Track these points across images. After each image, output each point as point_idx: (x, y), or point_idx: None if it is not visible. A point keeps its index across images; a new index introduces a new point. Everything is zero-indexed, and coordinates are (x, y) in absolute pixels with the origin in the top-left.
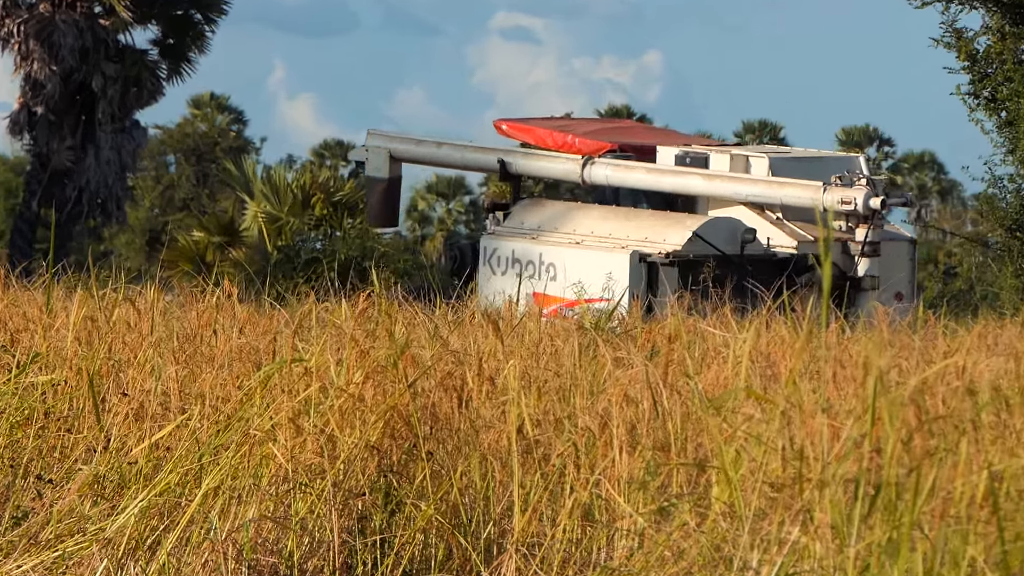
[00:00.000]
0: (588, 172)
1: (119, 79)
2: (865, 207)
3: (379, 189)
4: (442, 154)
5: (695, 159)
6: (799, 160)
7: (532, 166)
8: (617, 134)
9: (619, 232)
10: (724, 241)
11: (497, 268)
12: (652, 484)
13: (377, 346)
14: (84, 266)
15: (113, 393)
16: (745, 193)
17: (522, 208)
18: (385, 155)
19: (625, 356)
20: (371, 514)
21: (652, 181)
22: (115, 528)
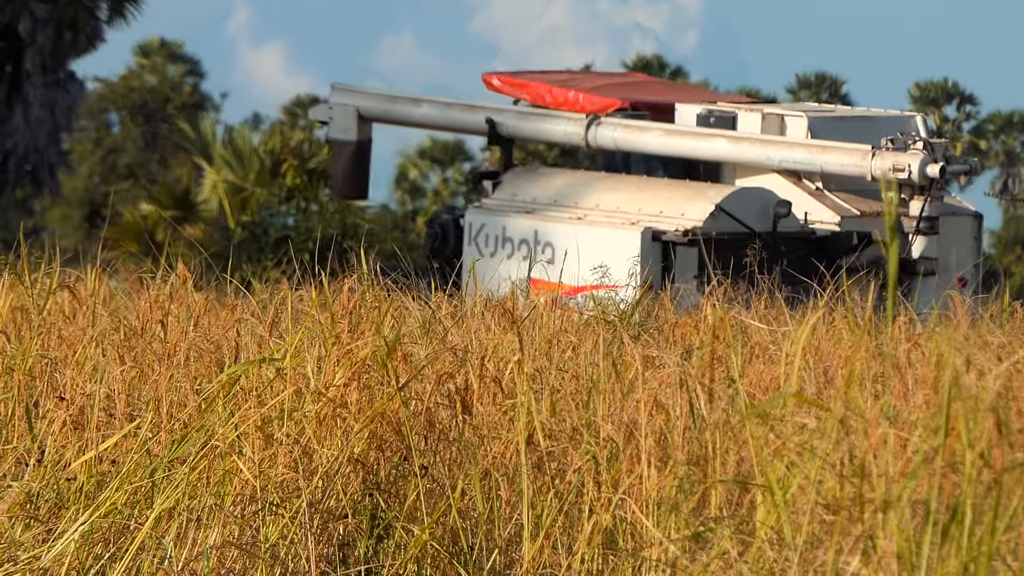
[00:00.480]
0: (593, 134)
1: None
2: (921, 175)
3: (346, 154)
4: (421, 113)
5: (720, 119)
6: (844, 120)
7: (527, 127)
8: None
9: (629, 205)
10: (753, 216)
11: (485, 248)
12: (686, 505)
13: (362, 343)
14: (11, 245)
15: (48, 397)
16: (779, 159)
17: (514, 177)
18: (353, 114)
19: (655, 355)
20: (354, 540)
21: (670, 145)
22: (52, 556)
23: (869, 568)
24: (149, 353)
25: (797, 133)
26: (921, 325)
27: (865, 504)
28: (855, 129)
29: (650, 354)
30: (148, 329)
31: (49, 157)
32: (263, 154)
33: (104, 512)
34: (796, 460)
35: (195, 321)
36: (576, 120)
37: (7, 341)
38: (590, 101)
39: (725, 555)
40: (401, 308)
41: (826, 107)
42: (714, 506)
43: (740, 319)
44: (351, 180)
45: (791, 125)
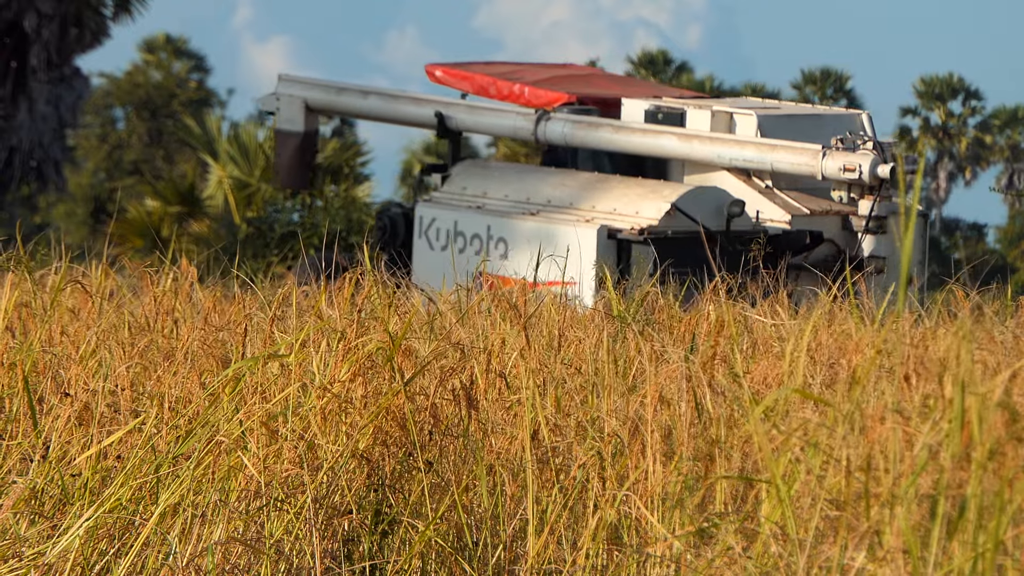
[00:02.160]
0: (542, 129)
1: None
2: (872, 175)
3: (291, 145)
4: (368, 105)
5: (668, 115)
6: (792, 118)
7: (475, 121)
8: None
9: (582, 202)
10: (707, 214)
11: (436, 242)
12: (691, 501)
13: (367, 338)
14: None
15: (52, 393)
16: (729, 157)
17: (463, 171)
18: (300, 105)
19: (660, 349)
20: (359, 536)
21: (619, 141)
22: (56, 552)
23: (875, 563)
24: (154, 349)
25: (747, 131)
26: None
27: (871, 499)
28: (803, 127)
29: (655, 349)
30: (153, 325)
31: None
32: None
33: (109, 508)
34: (801, 456)
35: (204, 317)
36: (525, 115)
37: (12, 337)
38: (535, 95)
39: (730, 551)
40: (406, 304)
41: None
42: (719, 502)
43: (744, 315)
44: (296, 171)
45: (740, 123)
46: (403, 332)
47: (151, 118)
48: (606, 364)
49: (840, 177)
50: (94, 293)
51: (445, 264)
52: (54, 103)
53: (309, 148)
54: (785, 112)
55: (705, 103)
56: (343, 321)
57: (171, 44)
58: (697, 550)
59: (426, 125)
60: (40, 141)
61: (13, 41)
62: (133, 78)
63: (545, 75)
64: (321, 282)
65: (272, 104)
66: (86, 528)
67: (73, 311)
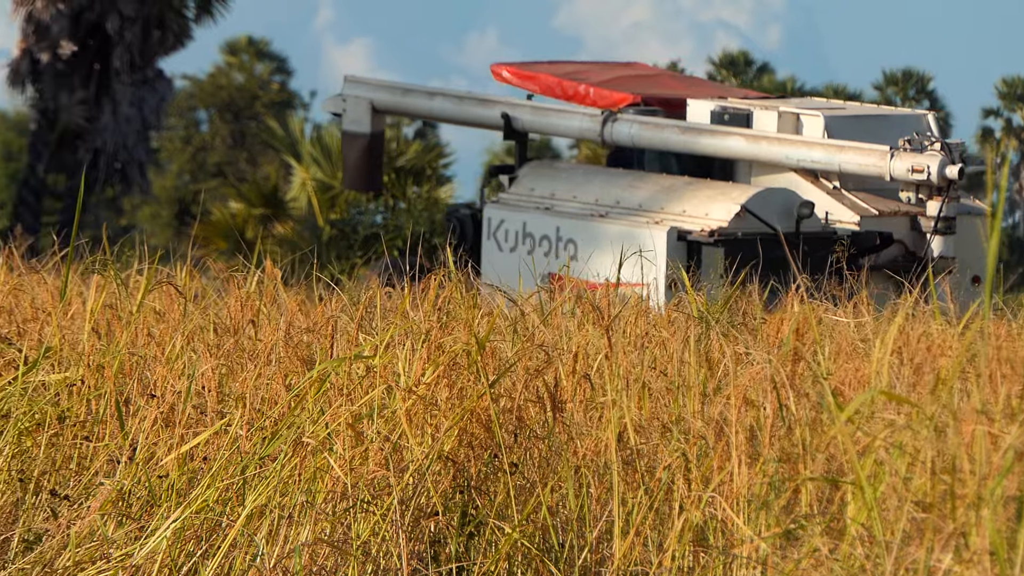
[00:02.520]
0: (609, 130)
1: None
2: (940, 176)
3: (358, 146)
4: (435, 106)
5: (735, 116)
6: (859, 119)
7: (541, 122)
8: (639, 83)
9: (652, 204)
10: (777, 216)
11: (504, 243)
12: (776, 503)
13: (452, 339)
14: (102, 244)
15: (139, 394)
16: (797, 158)
17: (531, 172)
18: (366, 106)
19: (745, 351)
20: (445, 537)
21: (686, 142)
22: (144, 553)
23: (961, 565)
24: (239, 350)
25: (814, 132)
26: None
27: (957, 501)
28: (870, 128)
29: (740, 351)
30: (238, 327)
31: (138, 155)
32: None
33: (196, 509)
34: (886, 457)
35: (289, 320)
36: (591, 115)
37: (99, 339)
38: (601, 95)
39: (816, 553)
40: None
41: (835, 104)
42: (805, 503)
43: (828, 316)
44: (364, 172)
45: (807, 124)
46: (487, 333)
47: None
48: (691, 366)
49: (908, 178)
50: (182, 294)
51: (514, 265)
52: (138, 105)
53: (376, 149)
54: (851, 113)
55: (771, 104)
56: (428, 322)
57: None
58: (783, 552)
59: (492, 126)
60: (124, 143)
61: (96, 43)
62: (216, 80)
63: (610, 75)
64: (404, 283)
65: (338, 106)
66: (173, 530)
67: (158, 313)
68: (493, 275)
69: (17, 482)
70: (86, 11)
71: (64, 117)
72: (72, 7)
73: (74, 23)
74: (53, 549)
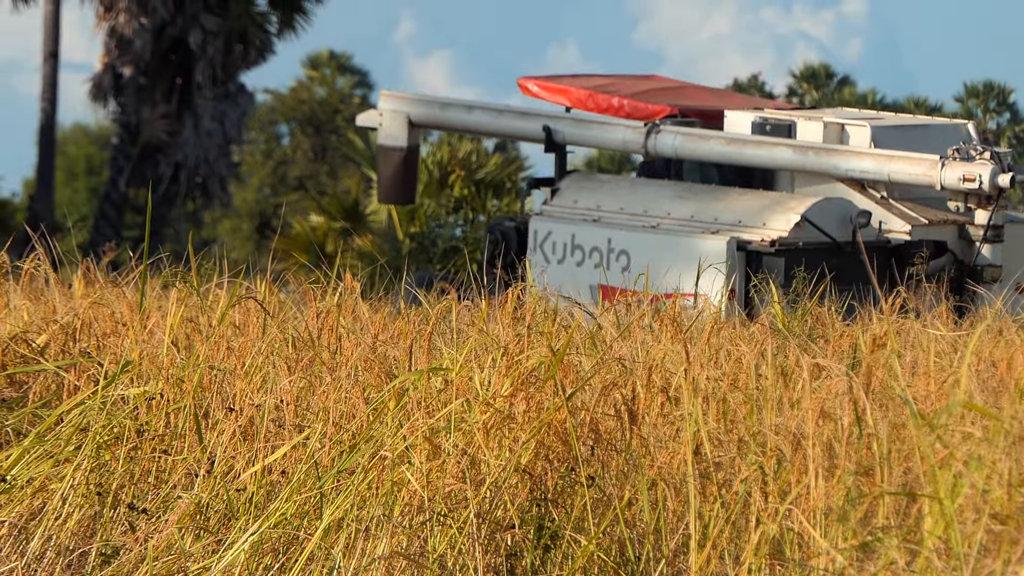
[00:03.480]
0: (652, 142)
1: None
2: (992, 185)
3: (395, 160)
4: (473, 120)
5: (777, 127)
6: (903, 128)
7: (584, 135)
8: (669, 95)
9: (704, 214)
10: (834, 225)
11: (552, 255)
12: (853, 515)
13: (529, 353)
14: (182, 257)
15: (217, 408)
16: (845, 168)
17: (573, 184)
18: (403, 120)
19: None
20: (522, 550)
21: (732, 153)
22: (222, 566)
23: None
24: (318, 364)
25: (860, 142)
26: None
27: None
28: (914, 137)
29: (817, 363)
30: (317, 340)
31: (219, 169)
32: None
33: (273, 523)
34: (964, 470)
35: (375, 334)
36: (634, 127)
37: (178, 352)
38: (635, 108)
39: (893, 565)
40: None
41: (870, 114)
42: (881, 516)
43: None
44: (401, 186)
45: (854, 134)
46: (564, 346)
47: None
48: (768, 378)
49: (959, 187)
50: (263, 308)
51: (562, 277)
52: (219, 119)
53: (412, 162)
54: (896, 123)
55: (814, 114)
56: (506, 336)
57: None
58: (860, 564)
59: (532, 139)
60: (205, 157)
61: (179, 58)
62: (297, 94)
63: (640, 88)
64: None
65: (374, 120)
66: (251, 543)
67: (238, 326)
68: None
69: (96, 496)
70: (168, 26)
71: (146, 131)
72: (155, 22)
73: (156, 38)
74: (131, 562)
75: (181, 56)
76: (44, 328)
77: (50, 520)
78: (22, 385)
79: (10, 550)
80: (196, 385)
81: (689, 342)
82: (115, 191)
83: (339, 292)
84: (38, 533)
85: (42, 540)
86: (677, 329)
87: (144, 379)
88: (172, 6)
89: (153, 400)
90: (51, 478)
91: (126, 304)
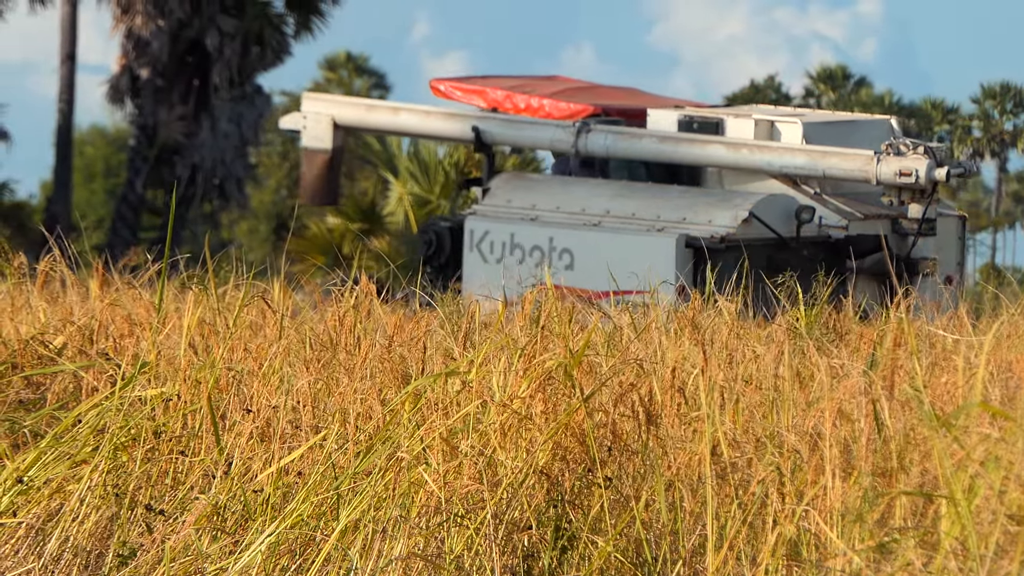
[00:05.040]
0: (584, 141)
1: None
2: (928, 179)
3: (319, 162)
4: (401, 121)
5: (704, 124)
6: (833, 125)
7: (513, 134)
8: (585, 95)
9: (645, 212)
10: (780, 222)
11: (490, 254)
12: (870, 516)
13: (546, 354)
14: (199, 259)
15: (235, 409)
16: (779, 165)
17: (504, 184)
18: (327, 122)
19: (839, 364)
20: (539, 551)
21: (665, 151)
22: (239, 567)
23: None
24: (334, 365)
25: (792, 138)
26: None
27: None
28: (842, 133)
29: (833, 363)
30: (334, 341)
31: (236, 171)
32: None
33: (290, 524)
34: (981, 471)
35: (391, 336)
36: (564, 127)
37: (195, 354)
38: (556, 107)
39: (909, 566)
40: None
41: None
42: (898, 517)
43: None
44: (325, 188)
45: (785, 131)
46: (582, 347)
47: None
48: (786, 379)
49: (895, 181)
50: (274, 310)
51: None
52: (236, 121)
53: (336, 165)
54: (825, 119)
55: (743, 111)
56: (522, 337)
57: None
58: (877, 565)
59: (460, 139)
60: (222, 159)
61: (195, 59)
62: None
63: (554, 88)
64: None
65: (298, 123)
66: (268, 544)
67: (254, 328)
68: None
69: (113, 497)
70: (185, 27)
71: (163, 133)
72: (172, 23)
73: (173, 39)
74: (148, 564)
75: (198, 58)
76: (61, 329)
77: (67, 521)
78: (39, 386)
79: (28, 551)
80: (213, 386)
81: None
82: (132, 193)
83: (356, 294)
84: (55, 534)
85: (59, 541)
86: (694, 330)
87: (161, 380)
88: (189, 8)
89: (170, 401)
90: (68, 479)
91: (143, 305)
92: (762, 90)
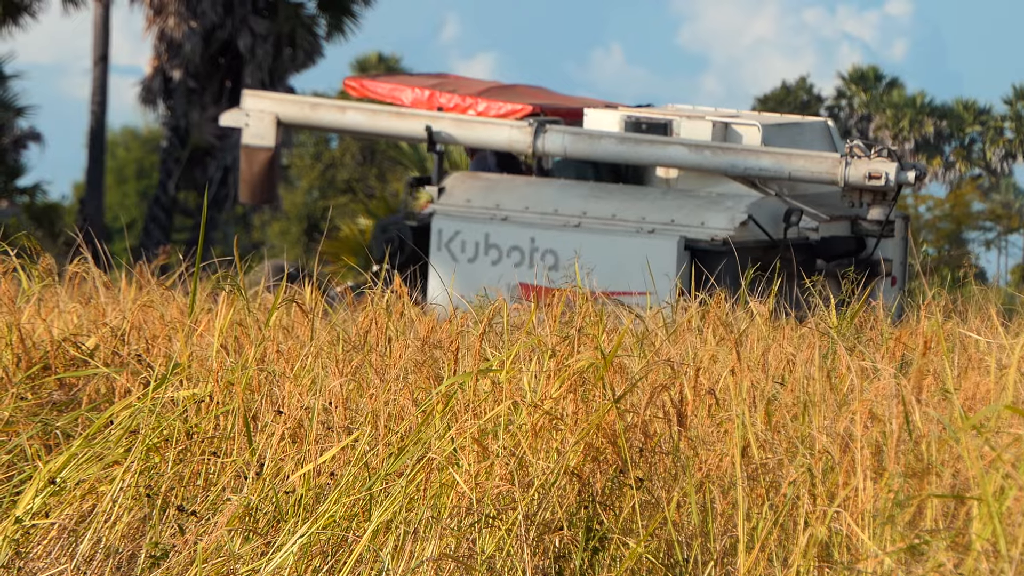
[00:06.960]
0: (541, 141)
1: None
2: (898, 182)
3: (260, 160)
4: (348, 120)
5: (652, 126)
6: (783, 127)
7: (466, 134)
8: (505, 95)
9: (627, 213)
10: (770, 224)
11: (461, 254)
12: (901, 518)
13: (579, 356)
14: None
15: (267, 410)
16: (744, 167)
17: (459, 183)
18: (270, 120)
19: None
20: (570, 552)
21: (625, 152)
22: (271, 568)
23: None
24: (366, 367)
25: (751, 140)
26: None
27: None
28: (791, 135)
29: (865, 365)
30: (367, 343)
31: None
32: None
33: (323, 525)
34: (1012, 472)
35: (425, 337)
36: (520, 127)
37: (227, 355)
38: (491, 106)
39: (941, 568)
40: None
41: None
42: (929, 518)
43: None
44: (265, 186)
45: (745, 133)
46: (614, 349)
47: None
48: (818, 381)
49: (864, 184)
50: (306, 313)
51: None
52: None
53: (277, 162)
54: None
55: (696, 113)
56: (554, 338)
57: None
58: (908, 567)
59: (410, 139)
60: None
61: (228, 61)
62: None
63: (478, 87)
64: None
65: (239, 120)
66: (300, 545)
67: (287, 329)
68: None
69: (145, 498)
70: (218, 29)
71: (195, 134)
72: (204, 25)
73: (206, 41)
74: (180, 564)
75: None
76: (93, 331)
77: (100, 522)
78: (72, 388)
79: (60, 552)
80: (245, 387)
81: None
82: (164, 194)
83: (387, 295)
84: (88, 535)
85: (92, 542)
86: (727, 331)
87: (193, 382)
88: (221, 9)
89: (202, 402)
90: (101, 480)
91: (175, 307)
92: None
